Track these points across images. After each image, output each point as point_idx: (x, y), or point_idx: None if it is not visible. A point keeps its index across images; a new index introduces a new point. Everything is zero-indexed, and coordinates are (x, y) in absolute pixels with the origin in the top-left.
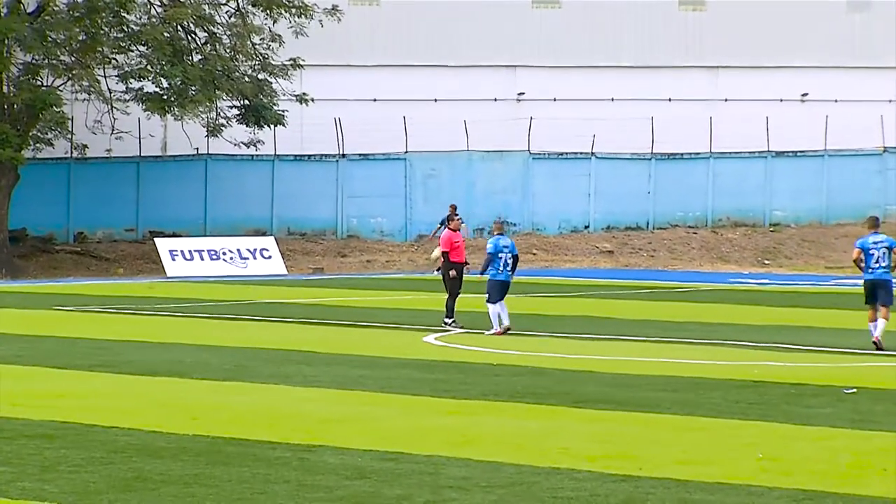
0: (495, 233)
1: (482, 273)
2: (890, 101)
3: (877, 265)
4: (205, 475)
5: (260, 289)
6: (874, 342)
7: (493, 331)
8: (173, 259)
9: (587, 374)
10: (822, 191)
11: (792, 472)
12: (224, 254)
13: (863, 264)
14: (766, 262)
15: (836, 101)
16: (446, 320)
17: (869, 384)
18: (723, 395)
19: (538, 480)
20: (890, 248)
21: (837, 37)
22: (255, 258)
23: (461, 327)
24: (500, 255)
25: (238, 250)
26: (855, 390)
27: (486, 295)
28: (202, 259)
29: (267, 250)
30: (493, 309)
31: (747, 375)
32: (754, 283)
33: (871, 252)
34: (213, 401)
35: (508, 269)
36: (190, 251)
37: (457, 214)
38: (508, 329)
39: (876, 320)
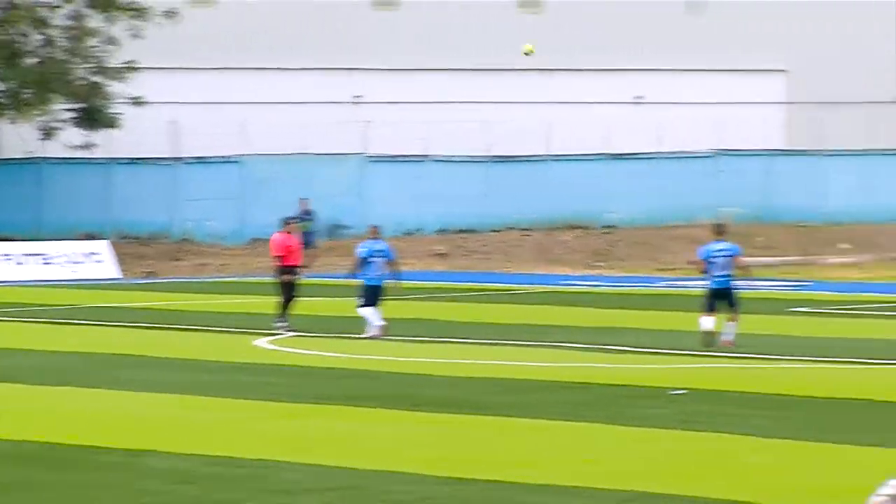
0: (370, 237)
1: (352, 276)
2: (723, 103)
3: (720, 273)
4: (35, 480)
5: (92, 293)
6: (707, 335)
7: (369, 333)
8: (4, 263)
9: (419, 377)
10: (656, 193)
11: (619, 473)
12: (56, 258)
13: (705, 272)
14: (599, 264)
15: (671, 103)
16: (279, 324)
17: (697, 385)
18: (552, 397)
19: (369, 484)
20: (732, 256)
21: (674, 40)
22: (87, 262)
23: (293, 331)
24: (372, 259)
25: (71, 254)
26: (684, 392)
27: (360, 299)
28: (34, 263)
29: (99, 254)
30: (365, 312)
31: (577, 377)
32: (586, 285)
33: (712, 261)
34: (43, 405)
35: (379, 272)
36: (21, 255)
37: (308, 212)
38: (375, 337)
39: (711, 317)
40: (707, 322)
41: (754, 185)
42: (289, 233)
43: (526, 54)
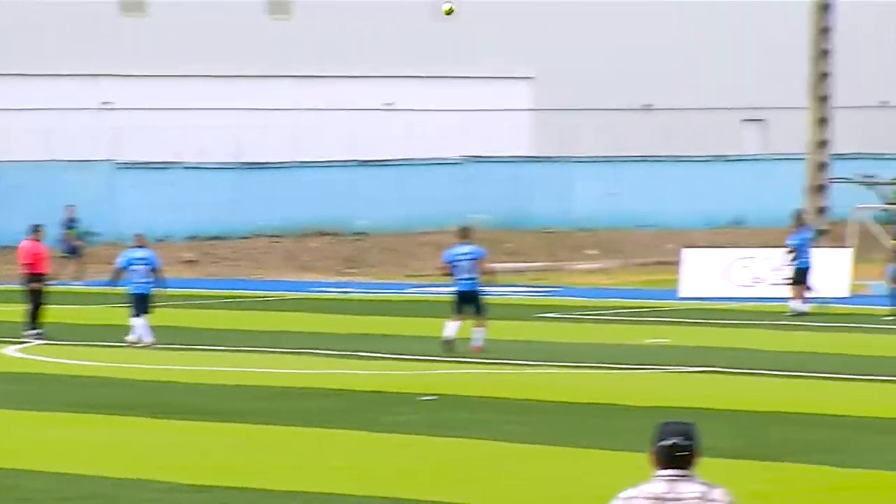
0: (135, 245)
1: (109, 284)
2: (472, 110)
3: (465, 276)
4: None
5: None
6: (448, 342)
7: (144, 342)
8: None
9: (170, 385)
10: (405, 199)
11: (370, 479)
12: None
13: (451, 275)
14: (349, 270)
15: (420, 110)
16: (28, 332)
17: (446, 391)
18: (303, 404)
19: (120, 492)
20: (476, 259)
21: (423, 46)
22: None
23: (43, 339)
24: (134, 267)
25: None
26: (433, 398)
27: (131, 309)
28: None
29: None
30: (137, 322)
31: (327, 384)
32: (337, 292)
33: (457, 264)
34: None
35: (142, 280)
36: None
37: (73, 219)
38: (134, 344)
39: (457, 322)
40: (450, 328)
41: (503, 191)
42: (37, 240)
43: (447, 13)
